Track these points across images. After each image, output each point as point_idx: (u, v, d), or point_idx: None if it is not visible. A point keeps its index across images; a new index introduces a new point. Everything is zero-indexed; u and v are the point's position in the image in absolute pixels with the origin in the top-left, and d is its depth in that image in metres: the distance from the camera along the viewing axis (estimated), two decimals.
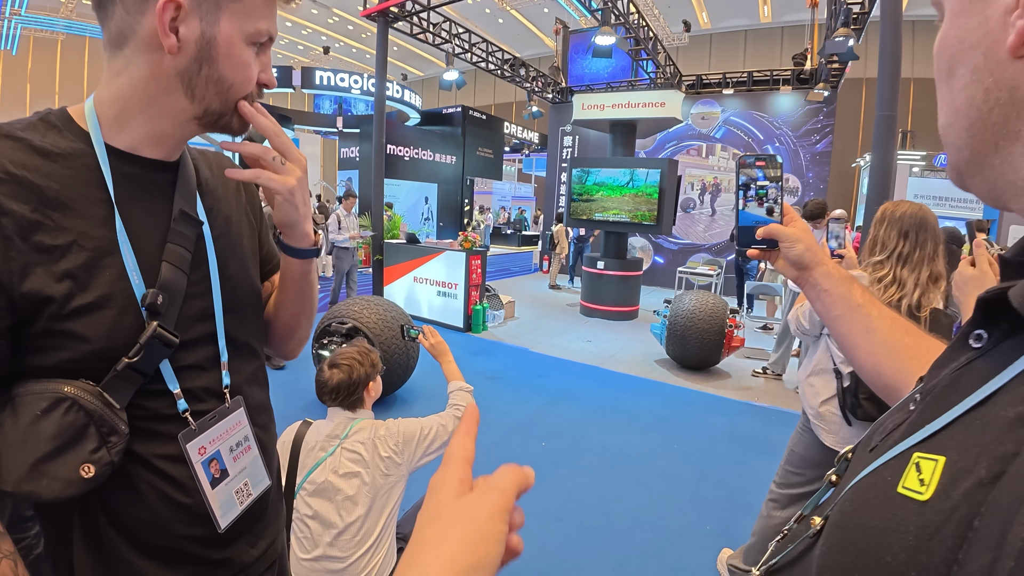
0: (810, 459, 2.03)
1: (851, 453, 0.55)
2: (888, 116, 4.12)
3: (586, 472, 3.25)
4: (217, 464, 0.80)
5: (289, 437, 1.68)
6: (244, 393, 0.87)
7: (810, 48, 10.07)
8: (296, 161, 0.80)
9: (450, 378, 1.87)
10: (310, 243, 0.88)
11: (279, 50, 29.30)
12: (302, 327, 1.01)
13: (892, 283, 1.78)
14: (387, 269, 7.24)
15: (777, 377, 5.35)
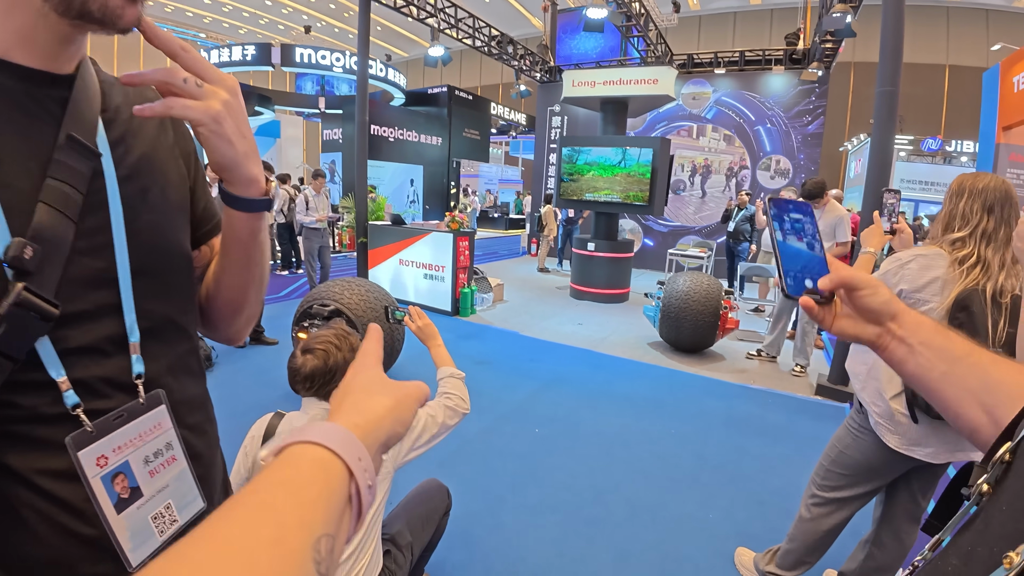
0: (869, 465, 1.81)
1: (1009, 455, 0.44)
2: (889, 92, 3.97)
3: (581, 459, 3.11)
4: (124, 480, 0.60)
5: (259, 431, 1.49)
6: (166, 385, 0.67)
7: (803, 28, 9.90)
8: (219, 82, 0.59)
9: (439, 364, 1.69)
10: (259, 191, 0.66)
11: (258, 29, 28.50)
12: (250, 303, 0.80)
13: (976, 264, 1.55)
14: (372, 252, 7.01)
15: (772, 360, 5.25)
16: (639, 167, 6.97)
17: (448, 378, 1.63)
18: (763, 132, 10.16)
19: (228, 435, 1.50)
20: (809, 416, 4.00)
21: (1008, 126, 6.29)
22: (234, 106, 0.60)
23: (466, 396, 1.61)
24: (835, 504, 1.90)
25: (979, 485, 0.46)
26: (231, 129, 0.59)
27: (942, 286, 1.57)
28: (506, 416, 3.63)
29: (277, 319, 5.36)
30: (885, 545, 1.90)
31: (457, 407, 1.56)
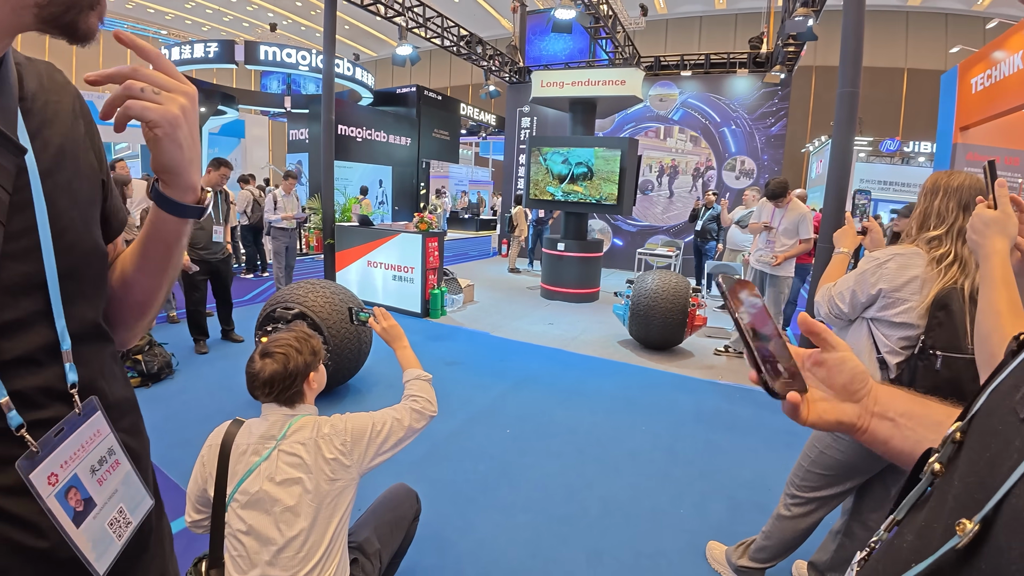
0: (850, 464, 1.81)
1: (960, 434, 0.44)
2: (850, 93, 4.08)
3: (554, 458, 3.09)
4: (77, 493, 0.59)
5: (217, 440, 1.41)
6: (99, 390, 0.65)
7: (766, 32, 10.15)
8: (178, 88, 0.60)
9: (405, 366, 1.64)
10: (195, 198, 0.66)
11: (221, 26, 27.75)
12: (155, 307, 0.78)
13: (953, 262, 1.56)
14: (339, 254, 6.87)
15: (739, 355, 5.35)
16: (609, 167, 7.01)
17: (414, 380, 1.58)
18: (728, 133, 10.37)
19: (190, 444, 1.43)
20: (775, 410, 4.06)
21: (965, 126, 6.57)
22: (190, 112, 0.61)
23: (433, 398, 1.56)
24: (816, 503, 1.92)
25: (931, 464, 0.46)
26: (184, 135, 0.61)
27: (921, 285, 1.59)
28: (477, 417, 3.59)
29: (240, 323, 5.20)
30: (856, 536, 1.93)
31: (424, 409, 1.52)
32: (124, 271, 0.74)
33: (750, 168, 10.25)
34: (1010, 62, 5.39)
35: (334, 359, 3.46)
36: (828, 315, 1.83)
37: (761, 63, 10.03)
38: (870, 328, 1.72)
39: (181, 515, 1.49)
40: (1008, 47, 5.50)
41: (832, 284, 1.83)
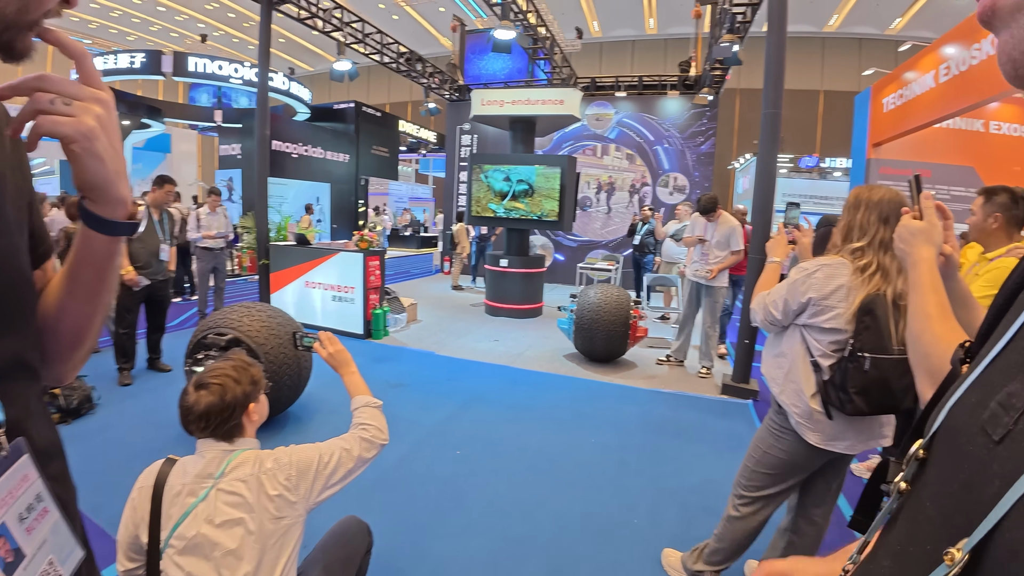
0: (792, 462, 1.89)
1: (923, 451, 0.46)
2: (773, 114, 4.37)
3: (505, 477, 3.06)
4: (6, 543, 0.54)
5: (148, 481, 1.30)
6: (26, 432, 0.59)
7: (695, 56, 10.73)
8: (91, 96, 0.55)
9: (353, 393, 1.56)
10: (125, 213, 0.61)
11: (148, 36, 26.33)
12: (92, 335, 0.72)
13: (876, 271, 1.67)
14: (274, 275, 6.58)
15: (680, 364, 5.53)
16: (549, 184, 7.14)
17: (363, 407, 1.51)
18: (661, 151, 10.83)
19: (116, 487, 1.30)
20: (717, 414, 4.23)
21: (878, 143, 7.17)
22: (107, 122, 0.56)
23: (384, 426, 1.50)
24: (763, 501, 1.99)
25: (897, 484, 0.47)
26: (103, 146, 0.55)
27: (847, 292, 1.69)
28: (425, 440, 3.50)
29: (169, 351, 4.86)
30: (802, 531, 2.02)
31: (374, 438, 1.45)
32: (54, 299, 0.68)
33: (683, 184, 10.73)
34: (922, 82, 5.91)
35: (273, 387, 3.29)
36: (763, 321, 1.93)
37: (690, 85, 10.58)
38: (802, 334, 1.82)
39: (111, 563, 1.35)
40: (919, 68, 6.05)
41: (767, 292, 1.93)
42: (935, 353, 0.84)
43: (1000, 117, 7.39)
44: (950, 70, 5.37)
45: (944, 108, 5.53)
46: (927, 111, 5.94)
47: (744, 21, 7.17)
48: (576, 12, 22.24)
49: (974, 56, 5.29)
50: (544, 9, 12.03)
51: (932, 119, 5.87)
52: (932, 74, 5.76)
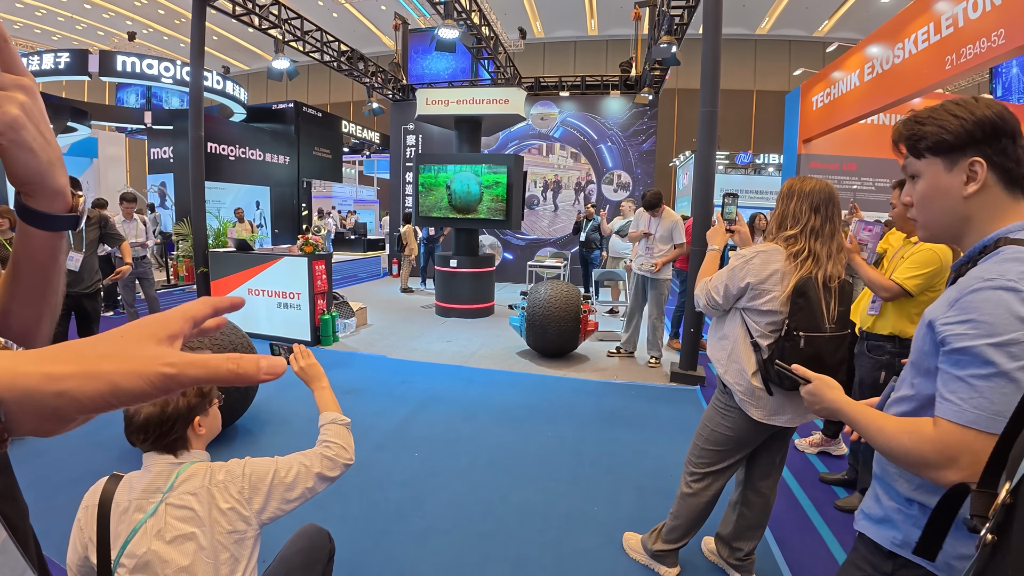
0: (738, 437, 2.00)
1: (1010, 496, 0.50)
2: (710, 112, 4.58)
3: (465, 475, 3.07)
4: None
5: (93, 500, 1.24)
6: None
7: (635, 57, 11.03)
8: (13, 84, 0.51)
9: (322, 408, 1.51)
10: (65, 205, 0.57)
11: (74, 35, 24.56)
12: (44, 337, 0.69)
13: (808, 257, 1.80)
14: (215, 283, 6.30)
15: (629, 355, 5.69)
16: (496, 183, 7.17)
17: (329, 424, 1.46)
18: (605, 150, 11.09)
19: (59, 511, 1.23)
20: (667, 402, 4.39)
21: (808, 139, 7.60)
22: (33, 109, 0.52)
23: (350, 444, 1.46)
24: (712, 476, 2.10)
25: (983, 537, 0.50)
26: (32, 136, 0.51)
27: (781, 277, 1.82)
28: (382, 444, 3.46)
29: None
30: (752, 503, 2.15)
31: (337, 457, 1.40)
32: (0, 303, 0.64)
33: (626, 181, 11.03)
34: (847, 80, 6.31)
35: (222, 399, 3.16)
36: (706, 306, 2.04)
37: (631, 85, 10.88)
38: (743, 317, 1.94)
39: None
40: (846, 67, 6.46)
41: (708, 279, 2.04)
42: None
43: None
44: (874, 68, 5.78)
45: (869, 104, 5.95)
46: (853, 108, 6.36)
47: (681, 23, 7.45)
48: (519, 12, 22.41)
49: (897, 55, 5.70)
50: (487, 9, 12.07)
51: (858, 115, 6.29)
52: (857, 73, 6.18)
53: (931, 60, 6.12)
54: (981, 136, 0.91)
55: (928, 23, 6.18)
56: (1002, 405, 0.79)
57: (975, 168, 0.91)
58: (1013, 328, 0.80)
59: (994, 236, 0.91)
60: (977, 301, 0.83)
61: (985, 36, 5.15)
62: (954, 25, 5.77)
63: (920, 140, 0.96)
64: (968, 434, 0.82)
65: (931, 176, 0.96)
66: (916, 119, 0.98)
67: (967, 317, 0.84)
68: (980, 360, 0.82)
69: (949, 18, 5.83)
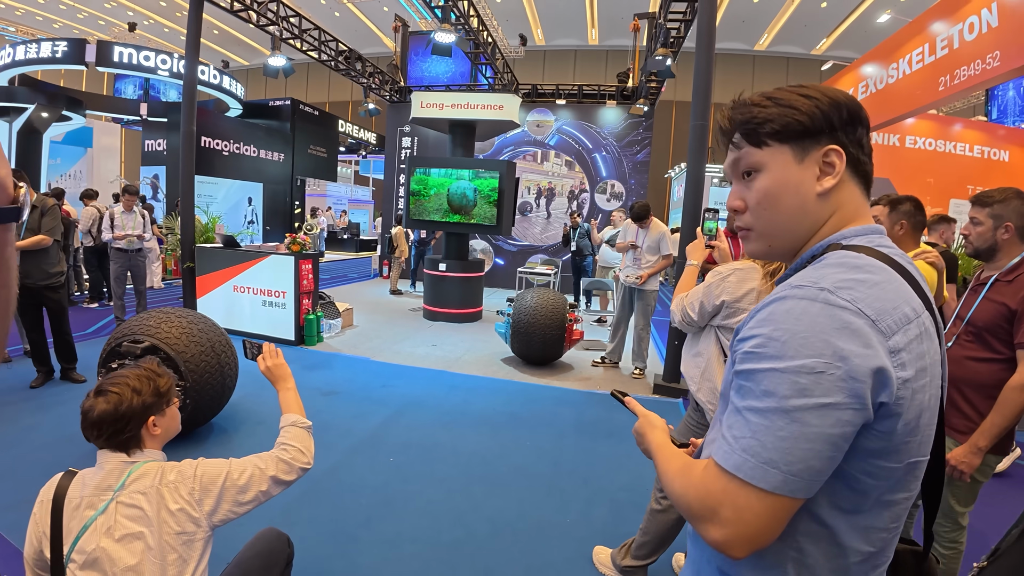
0: None
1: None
2: (701, 125, 4.60)
3: (439, 483, 3.04)
4: None
5: (48, 495, 1.24)
6: None
7: (632, 68, 11.10)
8: None
9: (285, 409, 1.51)
10: (7, 197, 0.54)
11: (74, 24, 24.44)
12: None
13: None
14: (200, 278, 6.25)
15: (614, 365, 5.69)
16: (488, 189, 7.18)
17: (289, 427, 1.45)
18: (599, 159, 11.13)
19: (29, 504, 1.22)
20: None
21: None
22: None
23: (309, 447, 1.44)
24: None
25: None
26: None
27: (757, 296, 1.82)
28: (357, 448, 3.43)
29: (84, 360, 4.51)
30: None
31: (294, 460, 1.39)
32: None
33: (620, 191, 11.07)
34: None
35: (194, 396, 3.12)
36: (681, 322, 2.03)
37: (628, 96, 10.94)
38: (717, 334, 1.93)
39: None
40: (840, 85, 6.53)
41: (685, 295, 2.03)
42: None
43: (916, 132, 8.04)
44: (868, 88, 5.83)
45: None
46: None
47: (678, 36, 7.50)
48: (521, 19, 22.50)
49: (891, 75, 5.75)
50: (487, 15, 12.13)
51: None
52: (851, 92, 6.24)
53: (925, 81, 6.19)
54: (838, 121, 0.74)
55: (923, 44, 6.26)
56: (777, 452, 0.61)
57: (831, 159, 0.73)
58: (810, 350, 0.61)
59: (824, 243, 0.75)
60: (776, 313, 0.65)
61: (980, 58, 5.22)
62: (949, 46, 5.84)
63: (764, 123, 0.75)
64: (731, 483, 0.64)
65: (778, 168, 0.75)
66: (752, 102, 0.78)
67: (759, 331, 0.66)
68: (760, 389, 0.63)
69: (944, 39, 5.90)
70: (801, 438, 0.60)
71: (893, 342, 0.62)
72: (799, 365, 0.61)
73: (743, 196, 0.80)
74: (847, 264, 0.67)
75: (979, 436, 1.84)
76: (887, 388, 0.62)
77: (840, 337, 0.60)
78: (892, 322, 0.63)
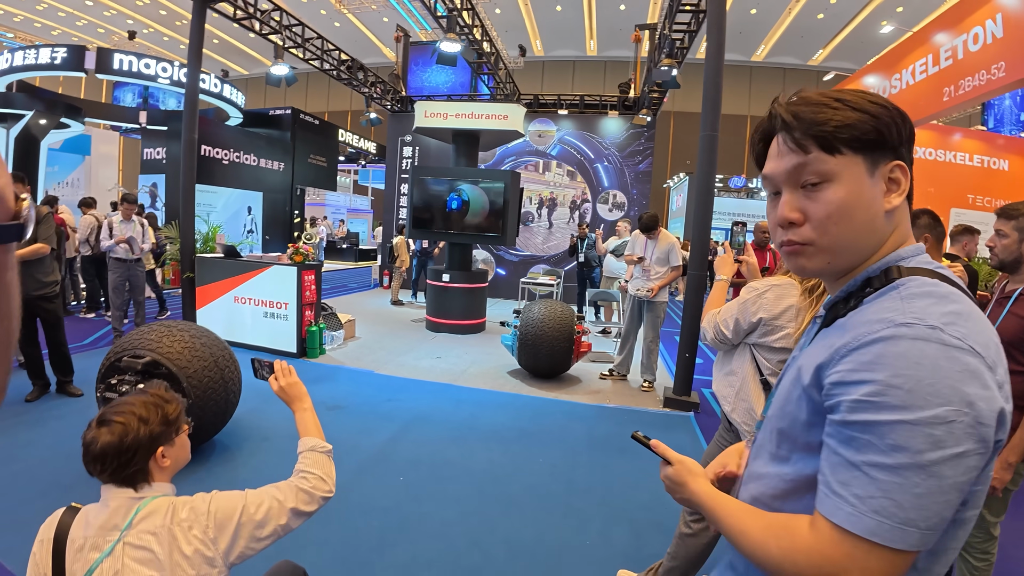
0: None
1: None
2: (711, 136, 4.55)
3: (452, 504, 2.93)
4: None
5: (48, 534, 1.13)
6: None
7: (633, 78, 11.10)
8: None
9: (302, 433, 1.39)
10: (7, 213, 0.48)
11: (74, 31, 24.47)
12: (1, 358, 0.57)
13: (824, 293, 1.70)
14: (200, 289, 6.14)
15: (623, 377, 5.59)
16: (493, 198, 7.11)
17: (308, 452, 1.34)
18: (601, 169, 11.10)
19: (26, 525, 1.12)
20: (661, 428, 4.29)
21: None
22: None
23: (330, 474, 1.33)
24: None
25: None
26: None
27: (796, 313, 1.73)
28: (365, 466, 3.32)
29: (81, 373, 4.39)
30: None
31: (315, 489, 1.28)
32: None
33: (622, 201, 11.03)
34: None
35: (197, 413, 3.01)
36: (713, 340, 1.94)
37: (629, 106, 10.94)
38: (753, 353, 1.84)
39: None
40: None
41: (717, 311, 1.95)
42: None
43: (916, 142, 8.00)
44: None
45: None
46: None
47: (682, 47, 7.48)
48: (520, 30, 22.64)
49: (894, 85, 5.72)
50: (489, 25, 12.13)
51: None
52: None
53: (929, 91, 6.17)
54: (905, 135, 0.69)
55: (927, 55, 6.25)
56: (915, 511, 0.57)
57: (896, 175, 0.69)
58: (939, 399, 0.56)
59: (880, 265, 0.70)
60: (888, 356, 0.59)
61: (985, 68, 5.19)
62: (953, 57, 5.82)
63: (842, 128, 0.67)
64: (859, 547, 0.59)
65: (852, 181, 0.68)
66: (823, 101, 0.69)
67: (872, 376, 0.59)
68: (886, 443, 0.58)
69: (948, 50, 5.89)
70: (937, 492, 0.57)
71: (999, 376, 0.60)
72: (931, 416, 0.57)
73: (803, 208, 0.72)
74: (935, 294, 0.64)
75: (1009, 451, 1.82)
76: (1004, 426, 0.60)
77: (964, 381, 0.57)
78: (995, 355, 0.61)
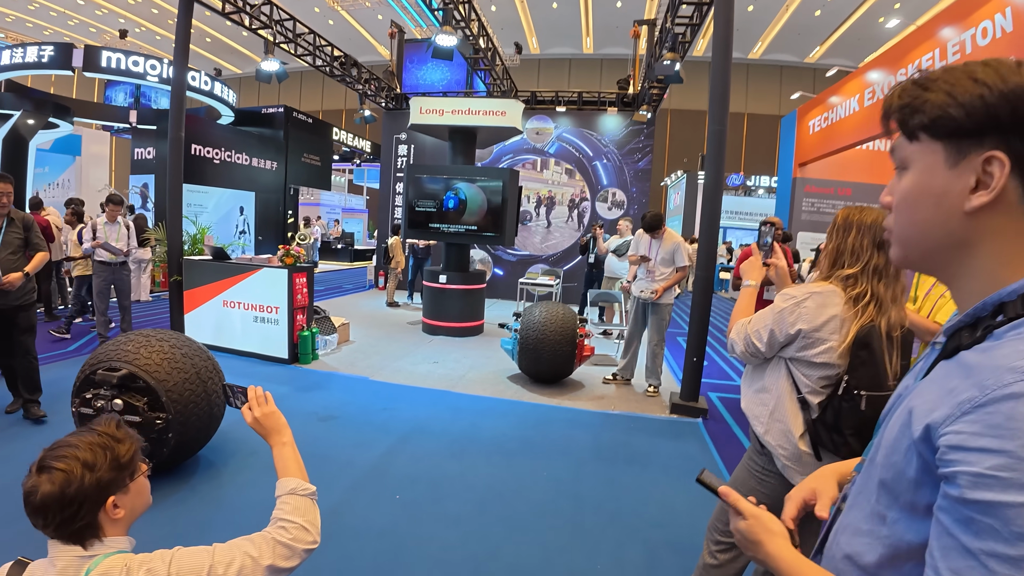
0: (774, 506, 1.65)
1: None
2: (719, 130, 4.36)
3: (453, 524, 2.74)
4: None
5: None
6: None
7: (632, 74, 10.91)
8: None
9: (281, 472, 1.17)
10: None
11: (65, 31, 24.15)
12: None
13: (870, 302, 1.53)
14: (188, 292, 5.92)
15: (627, 382, 5.41)
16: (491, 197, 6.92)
17: (288, 496, 1.12)
18: (600, 167, 10.91)
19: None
20: (668, 436, 4.10)
21: (804, 163, 7.45)
22: None
23: (314, 522, 1.12)
24: None
25: None
26: None
27: (840, 324, 1.54)
28: (360, 483, 3.12)
29: (59, 383, 4.13)
30: None
31: (296, 541, 1.07)
32: None
33: (621, 199, 10.84)
34: (846, 105, 6.17)
35: (178, 429, 2.81)
36: (744, 353, 1.74)
37: (628, 103, 10.75)
38: (788, 368, 1.65)
39: None
40: (844, 92, 6.31)
41: (747, 321, 1.75)
42: None
43: None
44: (875, 94, 5.64)
45: (869, 130, 5.79)
46: (852, 133, 6.22)
47: (683, 41, 7.30)
48: (516, 28, 22.45)
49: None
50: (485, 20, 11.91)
51: (857, 140, 6.15)
52: (857, 98, 6.04)
53: None
54: (1009, 118, 0.54)
55: (933, 49, 6.07)
56: None
57: (991, 168, 0.56)
58: None
59: (1016, 288, 0.56)
60: (1020, 419, 0.48)
61: None
62: (961, 52, 5.65)
63: (915, 113, 0.60)
64: None
65: (922, 170, 0.61)
66: (920, 82, 0.61)
67: (1000, 446, 0.48)
68: (1010, 530, 0.47)
69: (956, 44, 5.72)
70: None
71: None
72: None
73: (892, 192, 0.68)
74: None
75: None
76: None
77: None
78: None
